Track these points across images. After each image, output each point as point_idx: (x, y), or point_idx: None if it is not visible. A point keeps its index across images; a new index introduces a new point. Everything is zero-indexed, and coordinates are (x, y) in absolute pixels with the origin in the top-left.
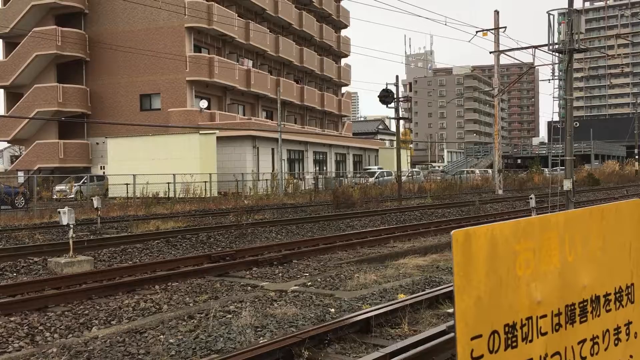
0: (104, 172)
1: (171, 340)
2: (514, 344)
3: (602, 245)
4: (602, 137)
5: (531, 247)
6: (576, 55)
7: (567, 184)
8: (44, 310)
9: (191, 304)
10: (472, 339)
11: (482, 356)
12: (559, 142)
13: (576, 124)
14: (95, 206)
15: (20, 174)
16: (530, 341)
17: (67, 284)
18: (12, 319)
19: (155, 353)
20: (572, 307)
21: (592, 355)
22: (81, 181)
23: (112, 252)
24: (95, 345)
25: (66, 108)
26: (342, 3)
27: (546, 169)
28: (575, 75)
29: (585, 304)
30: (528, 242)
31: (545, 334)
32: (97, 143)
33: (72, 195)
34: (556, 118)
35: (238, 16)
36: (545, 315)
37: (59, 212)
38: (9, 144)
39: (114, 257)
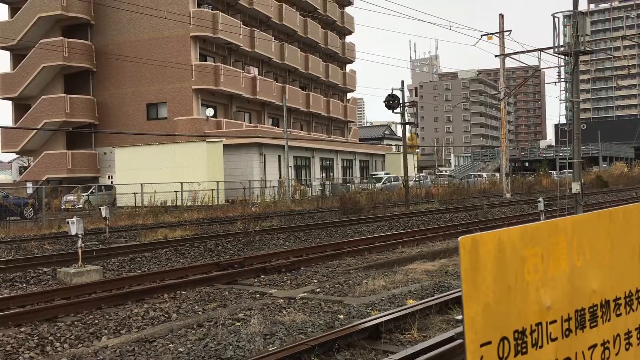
0: (111, 182)
1: (181, 349)
2: (524, 350)
3: (611, 249)
4: (610, 138)
5: (539, 252)
6: (582, 58)
7: (576, 187)
8: (54, 320)
9: (200, 313)
10: (482, 345)
11: None
12: (566, 144)
13: (583, 126)
14: (103, 216)
15: (29, 184)
16: (541, 347)
17: (76, 293)
18: (22, 329)
19: None
20: (582, 312)
21: None
22: (89, 191)
23: (121, 262)
24: (105, 355)
25: (74, 118)
26: (346, 9)
27: (554, 172)
28: (582, 77)
29: (595, 308)
30: (536, 248)
31: (555, 339)
32: (105, 153)
33: (81, 205)
34: (563, 120)
35: (243, 24)
36: (555, 321)
37: (68, 222)
38: (18, 155)
39: (123, 267)
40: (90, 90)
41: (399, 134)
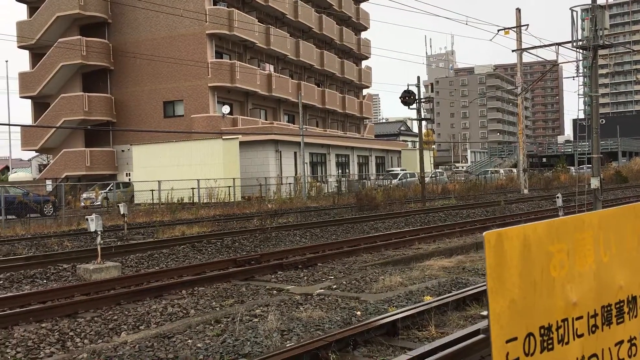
0: (129, 179)
1: (199, 345)
2: (550, 347)
3: (638, 245)
4: (629, 133)
5: (565, 247)
6: (601, 52)
7: (595, 182)
8: (74, 316)
9: (218, 309)
10: (507, 341)
11: (517, 359)
12: (584, 139)
13: (602, 121)
14: (121, 213)
15: (49, 182)
16: (567, 343)
17: (96, 290)
18: (43, 325)
19: (184, 357)
20: (609, 308)
21: (629, 356)
22: (107, 188)
23: (139, 258)
24: (125, 351)
25: (92, 116)
26: (361, 5)
27: (572, 168)
28: (600, 71)
29: (621, 304)
30: (562, 243)
31: (581, 335)
32: (123, 150)
33: (99, 203)
34: (581, 115)
35: (258, 21)
36: (581, 317)
37: (87, 219)
38: (37, 153)
39: (141, 263)
40: (108, 88)
41: (415, 130)
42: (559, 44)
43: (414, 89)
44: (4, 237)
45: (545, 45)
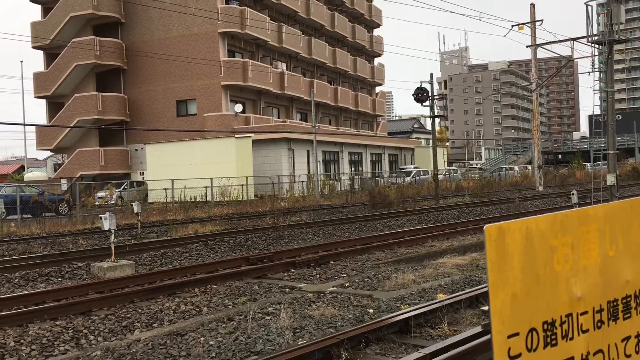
0: (143, 178)
1: (211, 342)
2: (554, 342)
3: None
4: None
5: (569, 241)
6: (617, 46)
7: (611, 179)
8: (88, 314)
9: (230, 306)
10: (509, 337)
11: (519, 355)
12: (600, 135)
13: (618, 117)
14: (135, 211)
15: (64, 181)
16: (571, 339)
17: (109, 288)
18: (57, 322)
19: (196, 355)
20: (615, 303)
21: (637, 352)
22: (121, 187)
23: (153, 256)
24: (138, 348)
25: (106, 116)
26: (374, 2)
27: (588, 164)
28: (616, 66)
29: (628, 299)
30: (566, 237)
31: (586, 331)
32: (136, 149)
33: (113, 201)
34: (597, 111)
35: (270, 20)
36: (586, 312)
37: (101, 218)
38: (52, 153)
39: (155, 261)
40: (121, 87)
41: (428, 127)
42: (574, 39)
43: (427, 86)
44: (20, 236)
45: (560, 41)
